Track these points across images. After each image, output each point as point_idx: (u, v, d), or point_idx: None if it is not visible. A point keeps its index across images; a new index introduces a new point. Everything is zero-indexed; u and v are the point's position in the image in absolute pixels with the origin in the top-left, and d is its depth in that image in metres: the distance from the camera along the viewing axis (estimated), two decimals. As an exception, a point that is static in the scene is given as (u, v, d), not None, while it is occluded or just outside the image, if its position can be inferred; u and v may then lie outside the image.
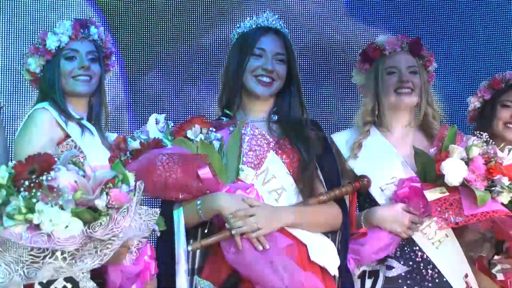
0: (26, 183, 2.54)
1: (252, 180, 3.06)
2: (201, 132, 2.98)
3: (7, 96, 4.45)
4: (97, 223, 2.56)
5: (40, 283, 2.79)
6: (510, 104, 3.73)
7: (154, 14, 4.97)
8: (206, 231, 3.03)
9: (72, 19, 3.22)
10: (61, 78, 3.14)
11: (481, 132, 3.17)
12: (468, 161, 3.06)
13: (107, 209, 2.58)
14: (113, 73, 3.80)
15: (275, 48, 3.15)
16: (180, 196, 2.96)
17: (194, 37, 5.04)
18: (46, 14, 4.68)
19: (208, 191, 2.95)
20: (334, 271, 3.01)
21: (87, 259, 2.61)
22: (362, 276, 3.25)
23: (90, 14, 4.68)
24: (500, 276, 3.31)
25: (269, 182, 3.08)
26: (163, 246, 2.99)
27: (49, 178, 2.54)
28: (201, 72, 4.95)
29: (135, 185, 2.66)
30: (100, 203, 2.56)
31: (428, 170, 3.15)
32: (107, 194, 2.59)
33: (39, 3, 4.70)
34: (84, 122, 3.15)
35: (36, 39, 3.19)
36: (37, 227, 2.52)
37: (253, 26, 3.20)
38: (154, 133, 3.00)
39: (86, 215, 2.55)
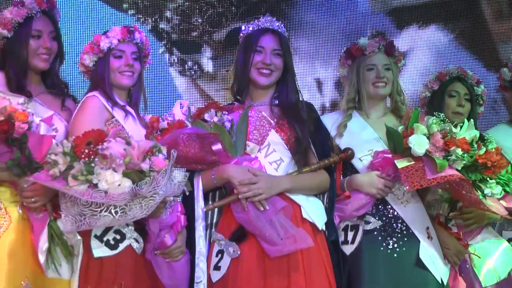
0: (86, 151, 2.93)
1: (257, 154, 3.45)
2: (216, 115, 3.40)
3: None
4: (143, 182, 2.94)
5: (95, 236, 3.25)
6: (455, 94, 4.11)
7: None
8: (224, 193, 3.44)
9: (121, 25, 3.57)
10: (110, 72, 3.48)
11: (439, 113, 3.52)
12: (429, 136, 3.42)
13: (149, 171, 2.98)
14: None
15: (272, 45, 3.52)
16: (199, 167, 3.38)
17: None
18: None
19: (220, 163, 3.36)
20: (321, 226, 3.41)
21: (135, 211, 2.98)
22: (345, 229, 3.63)
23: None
24: (454, 229, 3.76)
25: (270, 155, 3.47)
26: (187, 206, 3.35)
27: (103, 147, 2.95)
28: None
29: (169, 153, 3.04)
30: (145, 166, 2.97)
31: (397, 144, 3.52)
32: (150, 159, 2.99)
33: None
34: (128, 108, 3.50)
35: (91, 41, 3.51)
36: (95, 186, 2.94)
37: (255, 28, 3.58)
38: (178, 115, 3.38)
39: (134, 176, 2.96)
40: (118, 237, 3.28)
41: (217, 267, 3.35)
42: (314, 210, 3.44)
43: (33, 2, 3.44)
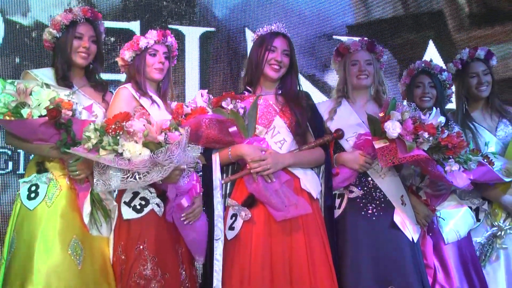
0: (113, 127, 3.33)
1: (264, 135, 3.81)
2: (231, 103, 3.74)
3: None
4: (159, 151, 3.30)
5: (124, 202, 3.66)
6: (420, 84, 4.48)
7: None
8: (236, 168, 3.82)
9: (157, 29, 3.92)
10: (146, 67, 3.86)
11: (411, 103, 3.84)
12: (402, 122, 3.71)
13: (165, 143, 3.34)
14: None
15: (283, 46, 3.90)
16: (217, 146, 3.77)
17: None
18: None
19: (235, 143, 3.73)
20: (316, 195, 3.80)
21: (153, 174, 3.34)
22: (333, 197, 3.91)
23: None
24: (423, 196, 4.09)
25: (275, 136, 3.84)
26: (206, 178, 3.76)
27: (128, 124, 3.34)
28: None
29: (185, 130, 3.37)
30: (161, 138, 3.33)
31: (376, 128, 3.82)
32: (166, 134, 3.35)
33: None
34: (155, 97, 3.86)
35: (132, 40, 3.88)
36: (121, 155, 3.32)
37: (269, 31, 3.94)
38: (200, 103, 3.75)
39: (152, 146, 3.34)
40: (143, 202, 3.66)
41: (231, 228, 3.71)
42: (310, 182, 3.81)
43: (79, 10, 3.87)
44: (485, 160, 4.06)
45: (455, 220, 4.24)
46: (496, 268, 4.33)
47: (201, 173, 3.88)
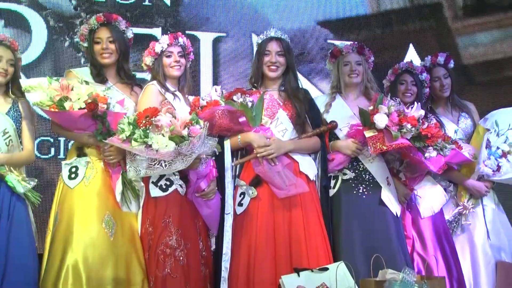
0: (144, 121, 3.62)
1: (269, 125, 4.16)
2: (241, 97, 4.07)
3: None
4: (183, 144, 3.58)
5: (152, 182, 3.97)
6: (404, 82, 4.79)
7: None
8: (244, 153, 4.14)
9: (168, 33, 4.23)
10: (164, 68, 4.20)
11: (396, 98, 4.22)
12: (388, 115, 4.08)
13: (188, 137, 3.62)
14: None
15: (276, 48, 4.24)
16: (228, 133, 4.10)
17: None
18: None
19: (244, 131, 4.06)
20: (312, 177, 4.16)
21: (178, 164, 3.63)
22: (329, 178, 4.28)
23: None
24: (403, 177, 4.44)
25: (278, 126, 4.18)
26: (219, 162, 4.06)
27: (156, 119, 3.62)
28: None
29: (204, 124, 3.67)
30: (185, 132, 3.60)
31: (366, 120, 4.18)
32: (188, 128, 3.61)
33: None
34: (177, 93, 4.17)
35: (149, 47, 4.21)
36: (150, 146, 3.60)
37: (265, 37, 4.28)
38: (214, 96, 4.06)
39: (177, 139, 3.61)
40: (168, 183, 3.97)
41: (240, 204, 4.05)
42: (307, 165, 4.18)
43: (93, 19, 4.27)
44: (455, 145, 4.42)
45: (430, 197, 4.59)
46: (461, 240, 4.71)
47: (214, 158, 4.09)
